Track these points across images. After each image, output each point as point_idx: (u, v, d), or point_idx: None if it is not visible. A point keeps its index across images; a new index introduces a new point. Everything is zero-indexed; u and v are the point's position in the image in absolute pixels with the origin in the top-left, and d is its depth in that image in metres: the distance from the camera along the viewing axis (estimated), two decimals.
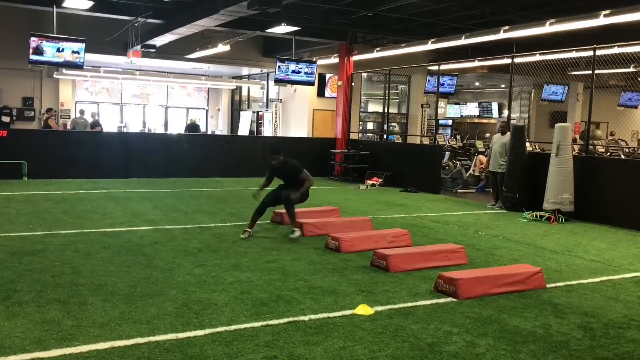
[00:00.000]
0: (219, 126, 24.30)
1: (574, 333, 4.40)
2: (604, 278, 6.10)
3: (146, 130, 21.51)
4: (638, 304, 5.23)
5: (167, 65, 19.95)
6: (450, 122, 23.69)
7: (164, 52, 16.50)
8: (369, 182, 14.36)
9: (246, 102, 23.13)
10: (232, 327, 4.19)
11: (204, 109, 24.88)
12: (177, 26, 13.18)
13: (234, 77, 22.61)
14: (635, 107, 19.89)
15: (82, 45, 12.48)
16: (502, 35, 11.95)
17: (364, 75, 18.57)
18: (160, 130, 22.65)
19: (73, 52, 12.42)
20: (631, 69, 15.83)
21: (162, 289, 5.08)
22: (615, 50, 11.64)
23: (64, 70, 17.05)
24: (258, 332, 4.12)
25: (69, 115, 18.65)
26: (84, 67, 13.04)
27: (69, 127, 17.32)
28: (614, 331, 4.48)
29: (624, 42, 11.11)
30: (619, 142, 16.12)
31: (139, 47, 15.22)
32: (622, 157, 13.76)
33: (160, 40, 14.84)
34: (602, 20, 10.02)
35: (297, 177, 7.69)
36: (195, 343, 3.90)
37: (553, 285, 5.72)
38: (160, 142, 15.22)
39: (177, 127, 22.90)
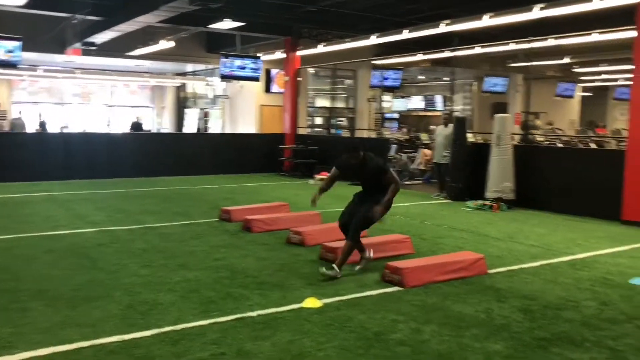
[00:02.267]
0: (165, 124, 23.90)
1: (514, 316, 4.56)
2: (543, 262, 6.34)
3: (88, 130, 20.96)
4: (574, 285, 5.46)
5: (109, 63, 19.45)
6: (396, 115, 24.00)
7: (105, 50, 16.08)
8: (318, 176, 14.40)
9: (192, 99, 22.82)
10: (179, 327, 4.16)
11: (149, 107, 24.40)
12: (117, 23, 12.88)
13: (178, 74, 22.24)
14: (571, 97, 20.72)
15: (18, 44, 12.04)
16: (443, 29, 12.19)
17: (311, 70, 18.61)
18: (104, 129, 22.11)
19: (8, 50, 11.96)
20: (566, 60, 16.47)
21: (107, 291, 4.99)
22: (551, 42, 12.07)
23: None
24: (205, 330, 4.10)
25: (5, 117, 17.97)
26: (21, 66, 12.58)
27: (6, 128, 16.69)
28: (551, 312, 4.67)
29: (558, 34, 11.55)
30: (556, 131, 16.72)
31: (78, 44, 14.80)
32: (560, 145, 14.29)
33: (100, 38, 14.46)
34: (537, 13, 10.35)
35: (380, 180, 5.83)
36: (141, 344, 3.85)
37: (495, 270, 5.90)
38: (104, 141, 14.85)
39: (121, 126, 22.39)
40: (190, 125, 21.43)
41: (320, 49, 15.77)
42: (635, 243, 7.41)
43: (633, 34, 8.87)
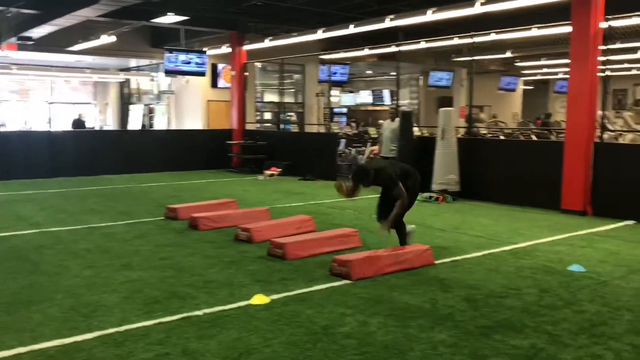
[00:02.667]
0: (108, 121, 23.27)
1: (458, 305, 4.66)
2: (486, 252, 6.50)
3: (27, 128, 20.22)
4: (516, 274, 5.63)
5: (47, 58, 18.75)
6: (345, 110, 24.15)
7: (43, 45, 15.50)
8: (268, 172, 14.36)
9: (136, 95, 22.30)
10: (123, 328, 4.06)
11: (91, 103, 23.71)
12: (55, 17, 12.41)
13: (121, 70, 21.68)
14: (514, 90, 21.29)
15: None
16: (388, 24, 12.31)
17: (258, 65, 18.48)
18: (45, 127, 21.36)
19: None
20: (508, 55, 16.92)
21: (48, 294, 4.83)
22: (493, 37, 12.35)
23: None
24: (150, 331, 4.02)
25: None
26: None
27: None
28: (494, 300, 4.80)
29: (500, 29, 11.84)
30: (499, 124, 17.16)
31: (14, 39, 14.21)
32: (502, 137, 14.68)
33: (37, 32, 13.92)
34: (479, 8, 10.59)
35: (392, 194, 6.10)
36: (83, 347, 3.75)
37: (441, 261, 6.02)
38: (44, 140, 14.34)
39: (63, 124, 21.67)
40: (135, 122, 20.94)
41: (267, 43, 15.68)
42: (574, 231, 7.69)
43: (569, 29, 9.19)
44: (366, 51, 16.30)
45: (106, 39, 15.00)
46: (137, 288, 5.01)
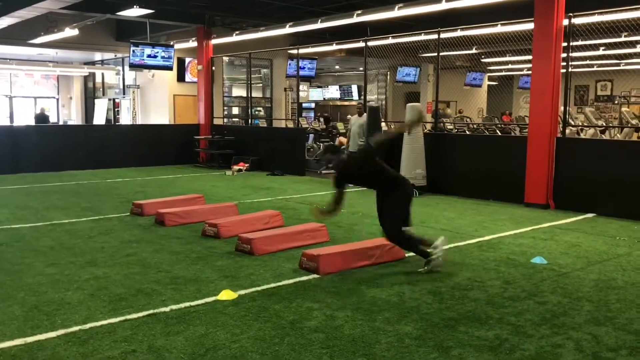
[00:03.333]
0: (72, 115, 22.82)
1: (424, 298, 4.72)
2: (452, 245, 6.58)
3: None
4: (480, 266, 5.73)
5: (8, 51, 18.29)
6: (313, 105, 24.15)
7: (4, 37, 15.13)
8: (236, 167, 14.29)
9: (101, 89, 21.91)
10: (88, 326, 4.01)
11: (54, 97, 23.20)
12: (15, 9, 12.09)
13: (85, 63, 21.27)
14: (480, 86, 21.59)
15: None
16: (356, 19, 12.36)
17: (226, 59, 18.33)
18: (5, 122, 20.81)
19: None
20: (474, 51, 17.13)
21: (8, 293, 4.72)
22: (459, 33, 12.50)
23: None
24: (116, 328, 3.98)
25: None
26: None
27: None
28: (459, 293, 4.87)
29: (466, 25, 11.99)
30: (465, 119, 17.39)
31: None
32: (468, 132, 14.88)
33: None
34: (445, 5, 10.70)
35: (383, 176, 5.52)
36: (46, 346, 3.68)
37: (408, 255, 6.07)
38: (5, 134, 13.99)
39: (24, 118, 21.15)
40: (100, 117, 20.58)
41: (235, 37, 15.57)
42: (536, 224, 7.86)
43: (532, 25, 9.35)
44: (334, 46, 16.35)
45: (69, 32, 14.70)
46: (102, 285, 4.94)
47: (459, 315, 4.34)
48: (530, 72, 9.67)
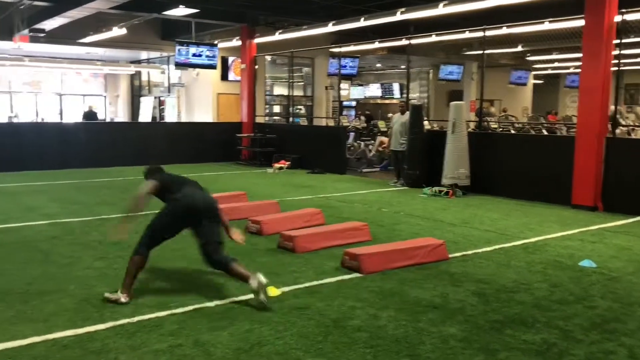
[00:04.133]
0: (119, 113, 23.37)
1: (469, 299, 4.66)
2: (497, 247, 6.49)
3: (39, 120, 20.33)
4: (526, 269, 5.62)
5: (59, 50, 18.86)
6: (354, 103, 24.10)
7: (55, 37, 15.59)
8: (277, 165, 14.38)
9: (147, 88, 22.37)
10: (136, 319, 4.10)
11: (101, 95, 23.81)
12: (67, 9, 12.49)
13: (132, 62, 21.76)
14: (525, 84, 21.17)
15: None
16: (399, 17, 12.27)
17: (268, 58, 18.47)
18: (55, 119, 21.47)
19: None
20: (519, 49, 16.81)
21: (60, 285, 4.87)
22: (504, 30, 12.29)
23: None
24: (163, 322, 4.06)
25: None
26: None
27: None
28: (504, 295, 4.79)
29: (512, 23, 11.77)
30: (509, 118, 17.08)
31: (26, 31, 14.29)
32: (513, 132, 14.61)
33: (49, 24, 14.01)
34: (491, 2, 10.54)
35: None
36: (96, 337, 3.79)
37: (451, 256, 6.01)
38: (55, 131, 14.46)
39: (73, 116, 21.78)
40: (145, 114, 21.01)
41: (277, 36, 15.67)
42: (584, 226, 7.65)
43: (582, 22, 9.11)
44: (376, 44, 16.26)
45: (117, 31, 15.06)
46: (150, 279, 5.04)
47: (505, 317, 4.27)
48: (578, 70, 9.43)
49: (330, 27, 14.14)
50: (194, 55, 14.55)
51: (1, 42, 15.85)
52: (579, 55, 9.20)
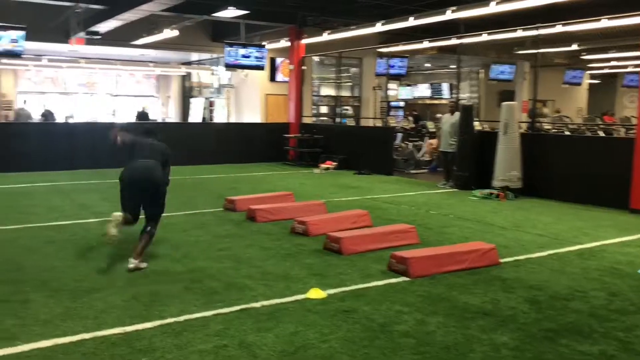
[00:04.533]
0: (170, 114, 23.84)
1: (521, 307, 4.50)
2: (550, 252, 6.26)
3: (93, 120, 20.92)
4: (581, 275, 5.39)
5: (113, 52, 19.36)
6: (402, 103, 23.85)
7: (109, 39, 15.99)
8: (323, 165, 14.35)
9: (197, 89, 22.73)
10: (182, 318, 4.12)
11: (154, 96, 24.34)
12: (121, 11, 12.79)
13: (183, 63, 22.14)
14: (579, 84, 20.49)
15: (22, 33, 11.96)
16: (449, 16, 12.03)
17: (315, 58, 18.48)
18: (109, 119, 22.05)
19: (12, 40, 11.90)
20: (574, 47, 16.28)
21: (109, 283, 4.95)
22: (558, 29, 11.90)
23: (3, 60, 16.34)
24: (208, 322, 4.06)
25: (11, 107, 17.95)
26: (26, 55, 12.52)
27: (11, 118, 16.69)
28: (559, 303, 4.60)
29: (566, 21, 11.39)
30: (564, 119, 16.55)
31: (82, 33, 14.70)
32: (567, 133, 14.15)
33: (104, 27, 14.38)
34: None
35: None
36: (143, 336, 3.82)
37: (502, 260, 5.83)
38: (108, 131, 14.78)
39: (127, 116, 22.31)
40: (196, 115, 21.35)
41: (325, 37, 15.64)
42: None
43: None
44: (426, 44, 16.03)
45: (169, 33, 15.33)
46: (196, 278, 5.07)
47: (559, 326, 4.09)
48: (637, 69, 9.03)
49: (379, 27, 14.02)
50: (243, 56, 14.67)
51: (58, 45, 16.40)
52: (638, 53, 8.82)
